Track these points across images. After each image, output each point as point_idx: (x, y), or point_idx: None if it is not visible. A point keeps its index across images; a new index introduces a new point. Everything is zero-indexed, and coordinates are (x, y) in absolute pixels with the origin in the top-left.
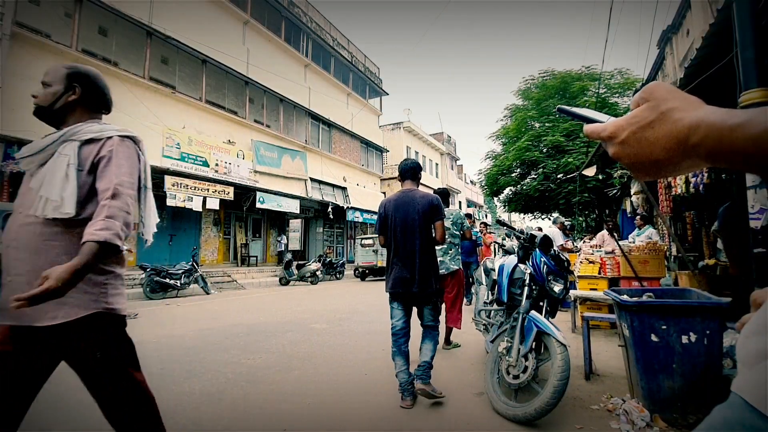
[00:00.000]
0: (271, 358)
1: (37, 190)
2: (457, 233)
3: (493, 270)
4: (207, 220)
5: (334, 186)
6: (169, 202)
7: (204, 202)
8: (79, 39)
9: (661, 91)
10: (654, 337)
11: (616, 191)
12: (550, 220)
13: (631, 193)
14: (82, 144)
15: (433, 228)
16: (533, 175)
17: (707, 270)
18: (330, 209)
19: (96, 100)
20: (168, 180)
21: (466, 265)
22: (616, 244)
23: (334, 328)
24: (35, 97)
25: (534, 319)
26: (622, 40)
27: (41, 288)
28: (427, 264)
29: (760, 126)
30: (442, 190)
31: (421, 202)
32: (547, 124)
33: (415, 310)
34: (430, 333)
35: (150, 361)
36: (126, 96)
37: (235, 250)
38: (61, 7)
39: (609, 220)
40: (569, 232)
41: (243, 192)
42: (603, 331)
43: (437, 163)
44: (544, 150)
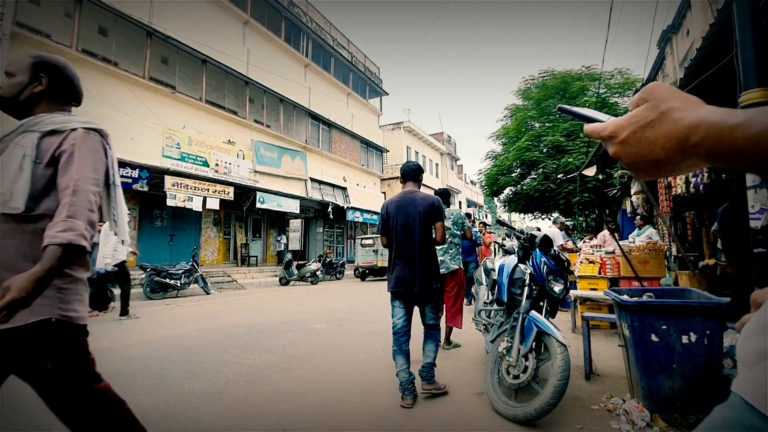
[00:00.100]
0: (271, 358)
1: None
2: (457, 233)
3: (493, 270)
4: (207, 220)
5: (334, 186)
6: (169, 202)
7: (204, 202)
8: (79, 39)
9: (660, 91)
10: (654, 337)
11: (616, 191)
12: (550, 220)
13: (631, 193)
14: (43, 135)
15: (433, 229)
16: (533, 175)
17: (707, 270)
18: (330, 209)
19: (64, 91)
20: (168, 180)
21: (464, 264)
22: (617, 244)
23: (334, 328)
24: None
25: (534, 319)
26: (622, 40)
27: (3, 301)
28: (428, 264)
29: (760, 126)
30: (442, 191)
31: (422, 204)
32: (547, 124)
33: (416, 309)
34: (431, 333)
35: (150, 361)
36: (126, 96)
37: (235, 250)
38: (61, 7)
39: (610, 220)
40: (571, 231)
41: (243, 192)
42: (603, 331)
43: (437, 163)
44: (544, 150)
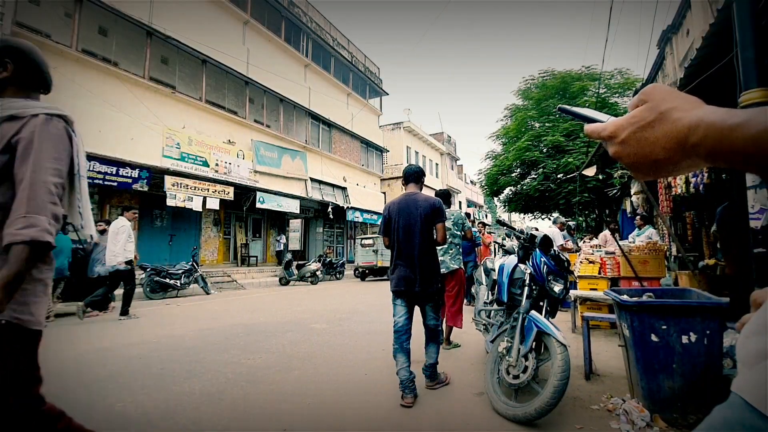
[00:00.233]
0: (271, 358)
1: None
2: (457, 233)
3: (493, 270)
4: (207, 220)
5: (334, 186)
6: (169, 202)
7: (204, 202)
8: (79, 39)
9: (659, 92)
10: (654, 337)
11: (616, 191)
12: (550, 220)
13: (631, 193)
14: (1, 122)
15: (434, 230)
16: (533, 175)
17: (707, 270)
18: (330, 209)
19: (31, 78)
20: (168, 180)
21: (463, 264)
22: (617, 244)
23: (334, 328)
24: None
25: (534, 319)
26: (622, 40)
27: None
28: (429, 264)
29: (760, 126)
30: (443, 192)
31: (423, 205)
32: (547, 124)
33: (417, 309)
34: (432, 336)
35: (150, 361)
36: (126, 96)
37: (235, 250)
38: (61, 7)
39: (611, 221)
40: (573, 231)
41: (243, 192)
42: (603, 331)
43: (437, 163)
44: (544, 150)
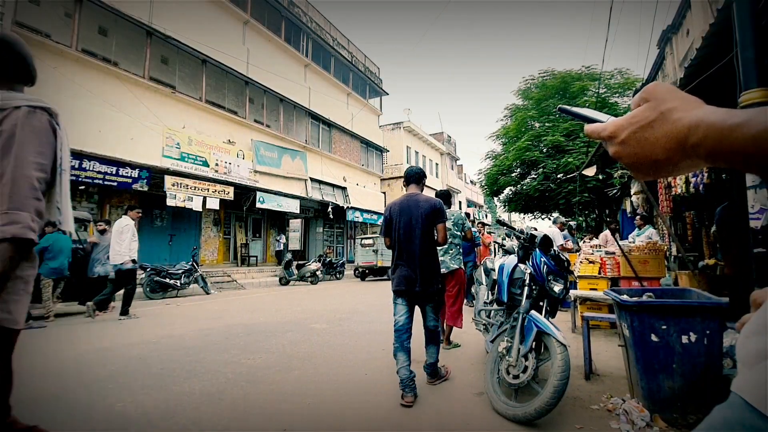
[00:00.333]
0: (271, 358)
1: None
2: (457, 233)
3: (493, 270)
4: (207, 220)
5: (334, 186)
6: (169, 202)
7: (204, 202)
8: (79, 39)
9: (661, 91)
10: (654, 337)
11: (616, 191)
12: (550, 220)
13: (631, 193)
14: None
15: (435, 230)
16: (533, 175)
17: (707, 270)
18: (330, 209)
19: (13, 69)
20: (168, 180)
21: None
22: (617, 244)
23: (334, 328)
24: None
25: (534, 319)
26: (622, 40)
27: None
28: (430, 264)
29: (760, 126)
30: (443, 192)
31: (424, 206)
32: (547, 124)
33: (417, 310)
34: (432, 336)
35: (150, 361)
36: (126, 96)
37: (235, 250)
38: (61, 7)
39: (611, 221)
40: (574, 231)
41: (243, 192)
42: (603, 331)
43: (437, 163)
44: (544, 150)
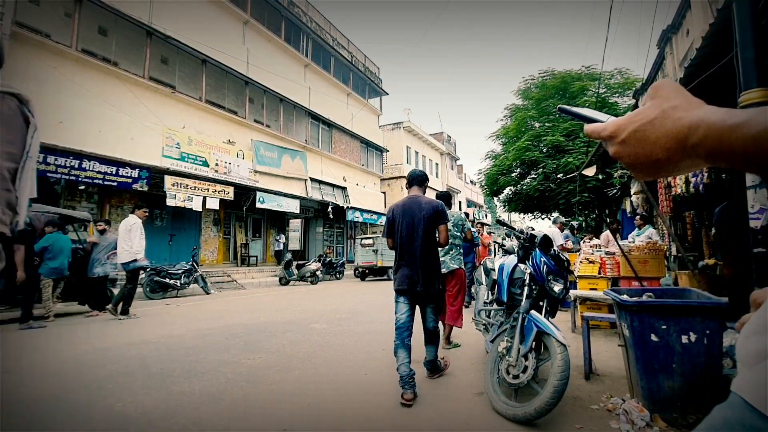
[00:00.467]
0: (271, 358)
1: None
2: (458, 234)
3: (493, 270)
4: (207, 220)
5: (334, 186)
6: (169, 202)
7: (204, 202)
8: (78, 39)
9: (666, 89)
10: (654, 337)
11: (616, 191)
12: (550, 220)
13: (631, 193)
14: None
15: (437, 231)
16: (533, 175)
17: (707, 270)
18: (330, 209)
19: None
20: (168, 180)
21: None
22: (617, 244)
23: (334, 328)
24: None
25: (534, 318)
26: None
27: None
28: (431, 265)
29: (760, 126)
30: (444, 194)
31: (426, 207)
32: (547, 124)
33: (418, 310)
34: (432, 337)
35: (150, 361)
36: (126, 96)
37: (235, 250)
38: (61, 7)
39: (612, 221)
40: (576, 231)
41: (243, 192)
42: (603, 331)
43: (437, 163)
44: (544, 150)
